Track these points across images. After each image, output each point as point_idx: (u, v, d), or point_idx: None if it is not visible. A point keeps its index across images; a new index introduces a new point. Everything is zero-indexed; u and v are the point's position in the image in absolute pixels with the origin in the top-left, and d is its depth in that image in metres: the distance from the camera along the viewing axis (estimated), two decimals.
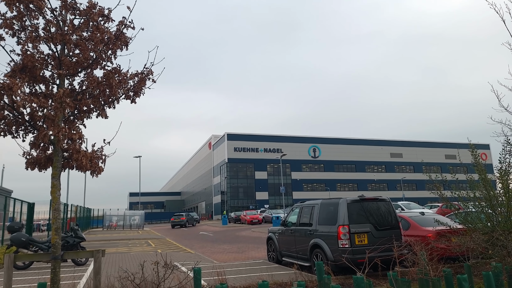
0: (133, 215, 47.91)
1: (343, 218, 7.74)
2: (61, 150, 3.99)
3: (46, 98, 3.94)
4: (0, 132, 3.81)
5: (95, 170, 4.17)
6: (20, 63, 3.89)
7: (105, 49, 4.22)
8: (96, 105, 4.29)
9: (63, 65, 4.05)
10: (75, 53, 4.15)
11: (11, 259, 3.45)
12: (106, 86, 4.18)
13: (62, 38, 3.92)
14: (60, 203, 3.90)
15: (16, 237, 10.83)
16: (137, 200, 78.22)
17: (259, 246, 16.09)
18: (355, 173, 75.06)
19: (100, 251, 3.78)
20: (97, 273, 3.68)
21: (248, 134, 70.35)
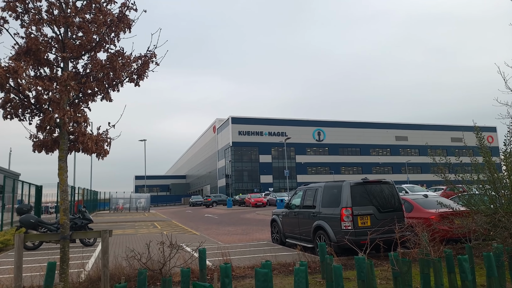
0: (139, 198, 48.49)
1: (346, 201, 7.81)
2: (67, 133, 4.04)
3: (51, 81, 3.96)
4: (7, 115, 3.86)
5: (100, 153, 4.23)
6: (25, 46, 3.90)
7: (108, 32, 4.20)
8: (101, 88, 4.31)
9: (67, 48, 4.05)
10: (78, 36, 4.15)
11: (21, 239, 3.56)
12: (110, 69, 4.19)
13: (65, 20, 3.91)
14: (67, 185, 3.99)
15: (25, 219, 11.08)
16: (142, 183, 79.10)
17: (263, 228, 16.32)
18: (359, 157, 75.01)
19: (107, 231, 3.89)
20: (105, 252, 3.79)
21: (252, 118, 70.18)
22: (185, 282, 3.94)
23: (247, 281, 6.00)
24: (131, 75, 4.45)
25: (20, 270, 3.49)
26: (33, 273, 7.07)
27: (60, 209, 3.97)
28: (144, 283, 3.76)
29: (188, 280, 3.96)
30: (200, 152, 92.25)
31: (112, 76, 4.31)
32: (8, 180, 17.44)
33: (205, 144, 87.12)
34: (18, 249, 3.51)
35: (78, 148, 4.20)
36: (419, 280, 5.02)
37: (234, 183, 66.97)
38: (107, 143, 4.34)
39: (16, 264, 3.46)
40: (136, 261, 3.95)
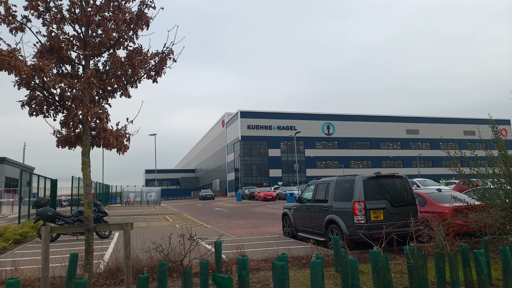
0: (149, 192, 49.02)
1: (358, 195, 7.84)
2: (89, 129, 4.16)
3: (74, 79, 4.07)
4: (33, 112, 3.99)
5: (121, 148, 4.34)
6: (48, 45, 4.01)
7: (127, 30, 4.28)
8: (120, 85, 4.41)
9: (88, 46, 4.15)
10: (98, 33, 4.24)
11: (47, 231, 3.70)
12: (129, 66, 4.28)
13: (87, 19, 4.00)
14: (90, 179, 4.11)
15: (43, 212, 11.36)
16: (153, 177, 79.98)
17: (274, 221, 16.44)
18: (369, 150, 74.50)
19: (129, 224, 4.01)
20: (127, 244, 3.92)
21: (261, 112, 70.15)
22: (203, 273, 4.04)
23: (261, 273, 6.10)
24: (149, 71, 4.53)
25: (47, 261, 3.63)
26: (54, 264, 7.31)
27: (84, 202, 4.11)
28: (165, 274, 3.88)
29: (206, 272, 4.07)
30: (209, 146, 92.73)
31: (131, 73, 4.40)
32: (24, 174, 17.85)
33: (214, 138, 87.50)
34: (45, 241, 3.65)
35: (99, 144, 4.32)
36: (433, 274, 5.05)
37: (243, 177, 67.26)
38: (126, 139, 4.45)
39: (43, 255, 3.60)
40: (158, 253, 4.07)
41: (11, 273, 5.79)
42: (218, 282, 3.69)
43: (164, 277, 3.87)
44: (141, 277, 3.50)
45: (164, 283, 3.87)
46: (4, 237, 10.67)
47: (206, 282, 4.03)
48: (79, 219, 11.59)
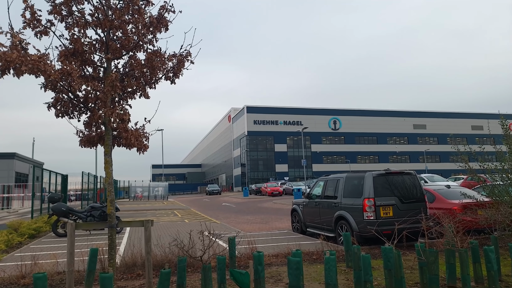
0: (156, 187, 49.42)
1: (368, 191, 7.93)
2: (111, 129, 4.31)
3: (97, 81, 4.21)
4: (59, 113, 4.15)
5: (141, 148, 4.49)
6: (72, 48, 4.15)
7: (146, 33, 4.41)
8: (139, 86, 4.55)
9: (110, 49, 4.28)
10: (119, 36, 4.37)
11: (73, 227, 3.87)
12: (149, 68, 4.41)
13: (110, 24, 4.12)
14: (113, 178, 4.27)
15: (57, 207, 11.62)
16: (159, 172, 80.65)
17: (282, 217, 16.59)
18: (376, 145, 74.24)
19: (149, 221, 4.17)
20: (147, 240, 4.08)
21: (267, 107, 70.17)
22: (221, 268, 4.20)
23: (273, 268, 6.25)
24: (167, 73, 4.66)
25: (72, 256, 3.81)
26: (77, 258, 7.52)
27: (108, 199, 4.27)
28: (184, 269, 4.04)
29: (224, 266, 4.22)
30: (215, 141, 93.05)
31: (150, 75, 4.53)
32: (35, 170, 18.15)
33: (221, 133, 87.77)
34: (71, 237, 3.82)
35: (120, 143, 4.48)
36: (443, 270, 5.15)
37: (249, 172, 67.51)
38: (145, 138, 4.61)
39: (69, 250, 3.78)
40: (178, 249, 4.22)
41: (31, 267, 6.01)
42: (235, 277, 3.84)
43: (183, 272, 4.03)
44: (163, 272, 3.66)
45: (183, 277, 4.03)
46: (19, 232, 10.95)
47: (224, 277, 4.18)
48: (92, 214, 11.84)
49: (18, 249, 9.21)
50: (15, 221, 11.83)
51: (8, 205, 30.49)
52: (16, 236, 10.35)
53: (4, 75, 3.45)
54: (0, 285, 5.47)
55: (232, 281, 4.64)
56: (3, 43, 3.59)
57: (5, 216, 22.04)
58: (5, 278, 5.73)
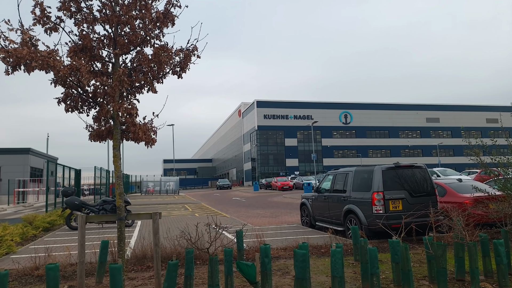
0: (168, 181, 49.93)
1: (377, 185, 7.88)
2: (119, 124, 4.38)
3: (105, 76, 4.28)
4: (68, 108, 4.24)
5: (149, 142, 4.56)
6: (81, 44, 4.22)
7: (153, 28, 4.44)
8: (147, 81, 4.60)
9: (118, 45, 4.34)
10: (126, 32, 4.42)
11: (83, 219, 3.97)
12: (156, 63, 4.45)
13: (117, 20, 4.17)
14: (121, 171, 4.35)
15: (70, 201, 11.88)
16: (171, 167, 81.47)
17: (292, 211, 16.61)
18: (388, 139, 73.41)
19: (157, 214, 4.23)
20: (156, 232, 4.15)
21: (277, 101, 69.98)
22: (228, 260, 4.25)
23: (281, 261, 6.29)
24: (174, 68, 4.70)
25: (83, 248, 3.91)
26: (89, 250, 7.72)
27: (116, 192, 4.36)
28: (191, 261, 4.10)
29: (231, 259, 4.27)
30: (225, 136, 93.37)
31: (157, 69, 4.58)
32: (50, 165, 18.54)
33: (231, 128, 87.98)
34: (81, 228, 3.92)
35: (128, 137, 4.55)
36: (452, 263, 5.11)
37: (260, 167, 67.63)
38: (153, 132, 4.67)
39: (80, 242, 3.88)
40: (185, 241, 4.29)
41: (45, 259, 6.18)
42: (242, 269, 3.88)
43: (191, 264, 4.10)
44: (170, 263, 3.73)
45: (191, 269, 4.09)
46: (34, 225, 11.23)
47: (231, 269, 4.23)
48: (104, 208, 12.07)
49: (33, 242, 9.47)
50: (30, 215, 12.14)
51: (23, 199, 31.28)
52: (31, 229, 10.63)
53: (15, 71, 3.54)
54: (15, 276, 5.65)
55: (239, 274, 4.70)
56: (14, 40, 3.67)
57: (21, 210, 22.65)
58: (19, 270, 5.91)
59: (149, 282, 4.99)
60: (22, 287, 5.15)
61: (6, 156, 33.19)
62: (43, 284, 5.23)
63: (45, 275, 4.81)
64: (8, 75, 3.51)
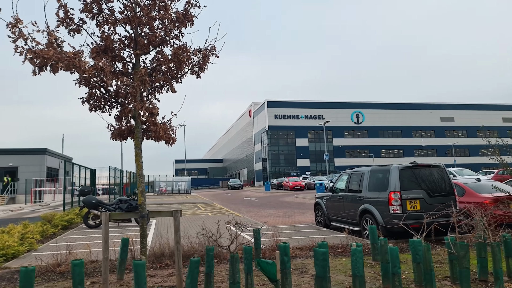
0: (179, 181, 50.32)
1: (394, 185, 7.81)
2: (140, 123, 4.45)
3: (127, 76, 4.36)
4: (92, 108, 4.33)
5: (169, 140, 4.62)
6: (103, 45, 4.30)
7: (173, 28, 4.50)
8: (166, 81, 4.66)
9: (138, 45, 4.41)
10: (146, 33, 4.48)
11: (107, 216, 4.05)
12: (175, 63, 4.51)
13: (139, 21, 4.24)
14: (143, 170, 4.42)
15: (88, 200, 12.09)
16: (182, 167, 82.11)
17: (305, 211, 16.56)
18: (401, 139, 72.48)
19: (178, 211, 4.28)
20: (177, 230, 4.20)
21: (288, 101, 69.83)
22: (247, 258, 4.27)
23: (298, 260, 6.28)
24: (193, 67, 4.75)
25: (107, 244, 3.98)
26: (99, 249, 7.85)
27: (138, 191, 4.43)
28: (212, 258, 4.14)
29: (250, 257, 4.29)
30: (236, 136, 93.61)
31: (176, 69, 4.63)
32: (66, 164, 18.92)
33: (241, 128, 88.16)
34: (105, 226, 4.00)
35: (149, 137, 4.62)
36: (474, 264, 5.02)
37: (270, 167, 67.58)
38: (173, 132, 4.73)
39: (104, 239, 3.95)
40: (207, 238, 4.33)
41: (66, 256, 6.31)
42: (263, 266, 3.90)
43: (212, 261, 4.13)
44: (192, 260, 3.77)
45: (211, 266, 4.13)
46: (52, 223, 11.47)
47: (250, 267, 4.25)
48: (120, 207, 12.24)
49: (52, 240, 9.68)
50: (49, 213, 12.39)
51: (40, 198, 31.97)
52: (50, 227, 10.85)
53: (41, 72, 3.63)
54: (38, 272, 5.78)
55: (258, 272, 4.71)
56: (39, 41, 3.76)
57: (38, 209, 23.15)
58: (42, 266, 6.05)
59: (168, 280, 5.05)
60: (45, 283, 5.27)
61: (23, 156, 33.93)
62: (65, 281, 5.34)
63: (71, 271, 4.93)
64: (35, 75, 3.61)
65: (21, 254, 7.52)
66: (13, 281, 5.53)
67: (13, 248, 7.33)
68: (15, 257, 7.31)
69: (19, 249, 7.49)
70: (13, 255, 7.26)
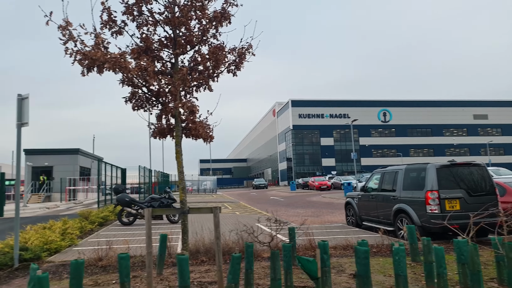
0: (205, 181, 51.08)
1: (431, 184, 7.56)
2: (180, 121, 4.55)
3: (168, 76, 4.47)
4: (135, 107, 4.48)
5: (207, 138, 4.70)
6: (143, 46, 4.43)
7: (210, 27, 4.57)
8: (204, 80, 4.74)
9: (177, 45, 4.51)
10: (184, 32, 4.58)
11: (149, 213, 4.17)
12: (212, 62, 4.58)
13: (178, 21, 4.34)
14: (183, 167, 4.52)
15: (121, 198, 12.48)
16: (207, 167, 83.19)
17: (334, 211, 16.34)
18: (431, 138, 70.11)
19: (218, 208, 4.35)
20: (216, 226, 4.27)
21: (312, 100, 69.18)
22: (287, 256, 4.26)
23: (333, 260, 6.20)
24: (229, 66, 4.80)
25: (150, 239, 4.10)
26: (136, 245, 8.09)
27: (179, 187, 4.53)
28: (251, 255, 4.16)
29: (289, 254, 4.28)
30: (260, 136, 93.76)
31: (213, 68, 4.70)
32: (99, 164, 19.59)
33: (265, 128, 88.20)
34: (148, 222, 4.12)
35: (189, 134, 4.72)
36: None
37: (295, 166, 67.21)
38: (210, 130, 4.80)
39: (147, 234, 4.07)
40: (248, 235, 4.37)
41: (106, 251, 6.54)
42: (303, 264, 3.88)
43: (251, 257, 4.16)
44: (234, 256, 3.81)
45: (251, 263, 4.16)
46: (89, 220, 11.92)
47: (290, 264, 4.24)
48: (152, 205, 12.55)
49: (90, 236, 10.05)
50: (85, 210, 12.89)
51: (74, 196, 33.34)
52: (88, 223, 11.29)
53: (89, 72, 3.79)
54: None
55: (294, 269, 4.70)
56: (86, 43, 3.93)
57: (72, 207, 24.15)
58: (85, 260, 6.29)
59: (206, 275, 5.13)
60: (89, 276, 5.48)
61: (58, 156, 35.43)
62: (108, 274, 5.53)
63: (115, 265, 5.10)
64: (84, 76, 3.78)
65: (63, 249, 7.86)
66: (58, 274, 5.79)
67: (56, 243, 7.68)
68: (58, 251, 7.64)
69: (61, 244, 7.83)
70: (56, 250, 7.59)
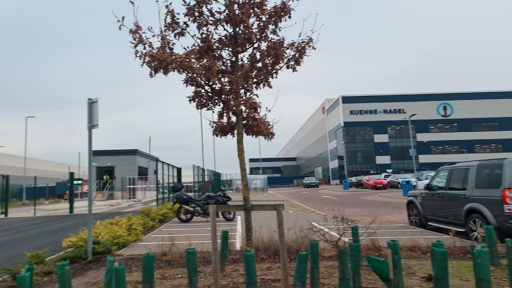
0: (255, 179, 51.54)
1: (509, 181, 6.86)
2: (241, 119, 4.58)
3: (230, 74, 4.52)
4: (198, 105, 4.60)
5: (268, 135, 4.68)
6: (205, 46, 4.53)
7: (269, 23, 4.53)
8: (263, 76, 4.72)
9: (238, 43, 4.54)
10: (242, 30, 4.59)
11: (214, 209, 4.24)
12: (272, 58, 4.54)
13: (239, 19, 4.37)
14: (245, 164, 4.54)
15: (180, 195, 12.99)
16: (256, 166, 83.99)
17: (392, 210, 15.57)
18: (498, 132, 64.09)
19: (280, 205, 4.30)
20: (280, 223, 4.23)
21: (364, 96, 66.68)
22: (354, 255, 4.09)
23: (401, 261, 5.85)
24: (289, 61, 4.73)
25: (215, 235, 4.17)
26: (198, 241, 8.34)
27: (242, 184, 4.58)
28: (317, 253, 4.06)
29: (357, 253, 4.11)
30: (309, 134, 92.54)
31: (272, 64, 4.66)
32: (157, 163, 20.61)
33: (315, 126, 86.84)
34: (213, 218, 4.19)
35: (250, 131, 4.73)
36: None
37: (347, 165, 65.32)
38: (270, 126, 4.77)
39: (213, 230, 4.14)
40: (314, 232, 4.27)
41: (169, 246, 6.81)
42: (374, 264, 3.70)
43: (317, 256, 4.05)
44: (301, 254, 3.74)
45: (316, 261, 4.05)
46: (150, 216, 12.57)
47: (358, 264, 4.07)
48: (208, 203, 12.89)
49: (152, 231, 10.58)
50: (146, 208, 13.62)
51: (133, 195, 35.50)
52: (149, 220, 11.90)
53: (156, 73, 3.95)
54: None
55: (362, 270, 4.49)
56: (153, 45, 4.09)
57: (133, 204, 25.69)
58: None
59: (268, 273, 5.11)
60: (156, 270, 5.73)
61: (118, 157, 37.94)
62: (172, 269, 5.75)
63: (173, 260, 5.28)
64: (152, 77, 3.95)
65: (129, 243, 8.34)
66: (127, 267, 6.13)
67: (123, 237, 8.17)
68: (125, 246, 8.13)
69: (128, 239, 8.32)
70: (123, 244, 8.08)
